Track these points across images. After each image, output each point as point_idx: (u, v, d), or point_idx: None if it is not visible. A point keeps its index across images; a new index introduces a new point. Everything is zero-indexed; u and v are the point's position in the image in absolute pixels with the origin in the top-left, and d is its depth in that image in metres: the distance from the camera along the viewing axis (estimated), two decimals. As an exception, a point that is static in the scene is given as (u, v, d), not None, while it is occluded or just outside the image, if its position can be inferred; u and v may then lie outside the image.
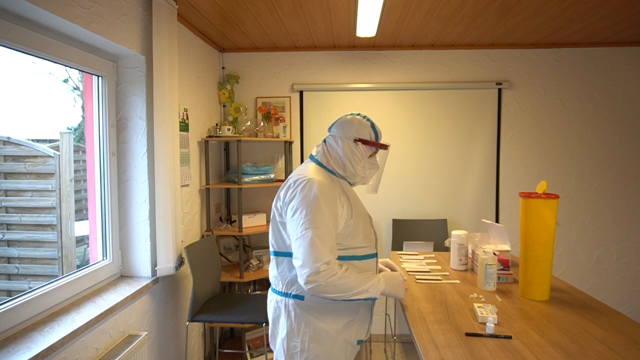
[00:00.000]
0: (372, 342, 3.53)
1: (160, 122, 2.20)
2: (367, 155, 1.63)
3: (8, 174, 2.45)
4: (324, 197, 1.46)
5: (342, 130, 1.62)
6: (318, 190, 1.46)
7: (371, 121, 1.65)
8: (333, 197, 1.49)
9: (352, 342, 1.59)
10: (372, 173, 1.68)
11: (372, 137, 1.63)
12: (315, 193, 1.46)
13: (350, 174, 1.62)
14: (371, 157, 1.66)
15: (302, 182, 1.49)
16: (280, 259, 1.58)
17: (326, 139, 1.68)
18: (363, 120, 1.63)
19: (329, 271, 1.39)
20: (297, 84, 3.48)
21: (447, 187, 3.47)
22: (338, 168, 1.61)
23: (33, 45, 1.65)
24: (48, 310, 1.73)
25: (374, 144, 1.62)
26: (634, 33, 3.03)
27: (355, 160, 1.60)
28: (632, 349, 1.32)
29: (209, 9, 2.51)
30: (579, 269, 3.49)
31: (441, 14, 2.64)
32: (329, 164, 1.62)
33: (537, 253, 1.76)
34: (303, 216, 1.44)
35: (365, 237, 1.59)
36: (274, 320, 1.62)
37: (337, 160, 1.61)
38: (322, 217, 1.44)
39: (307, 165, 1.64)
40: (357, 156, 1.60)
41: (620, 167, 3.41)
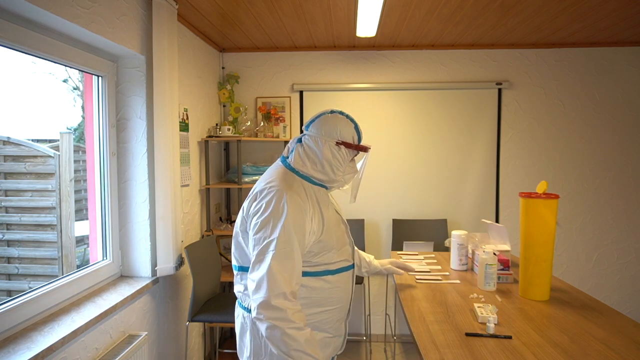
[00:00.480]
0: (372, 342, 3.53)
1: (160, 122, 2.20)
2: (349, 159, 1.45)
3: (8, 174, 2.45)
4: (292, 211, 1.28)
5: (324, 130, 1.42)
6: (287, 203, 1.28)
7: (354, 121, 1.47)
8: (303, 212, 1.31)
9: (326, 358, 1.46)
10: (351, 178, 1.50)
11: (355, 139, 1.45)
12: (283, 207, 1.28)
13: (329, 179, 1.43)
14: (351, 160, 1.48)
15: (270, 193, 1.31)
16: (244, 274, 1.42)
17: (302, 138, 1.46)
18: (347, 120, 1.44)
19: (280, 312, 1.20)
20: (297, 84, 3.48)
21: (447, 187, 3.47)
22: (316, 172, 1.41)
23: (33, 45, 1.65)
24: (48, 310, 1.73)
25: (357, 147, 1.45)
26: (634, 33, 3.03)
27: (336, 165, 1.41)
28: (632, 349, 1.32)
29: (209, 9, 2.51)
30: (579, 269, 3.49)
31: (441, 14, 2.64)
32: (305, 169, 1.41)
33: (537, 253, 1.76)
34: (267, 235, 1.26)
35: (339, 250, 1.44)
36: (241, 336, 1.46)
37: (316, 163, 1.41)
38: (288, 238, 1.26)
39: (276, 170, 1.43)
40: (339, 160, 1.41)
41: (620, 167, 3.41)
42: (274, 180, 1.36)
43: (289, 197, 1.30)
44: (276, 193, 1.31)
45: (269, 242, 1.26)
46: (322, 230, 1.37)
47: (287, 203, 1.29)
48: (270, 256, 1.24)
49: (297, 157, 1.43)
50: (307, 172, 1.42)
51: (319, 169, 1.41)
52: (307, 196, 1.37)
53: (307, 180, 1.42)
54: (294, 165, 1.43)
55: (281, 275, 1.23)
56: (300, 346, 1.21)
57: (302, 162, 1.42)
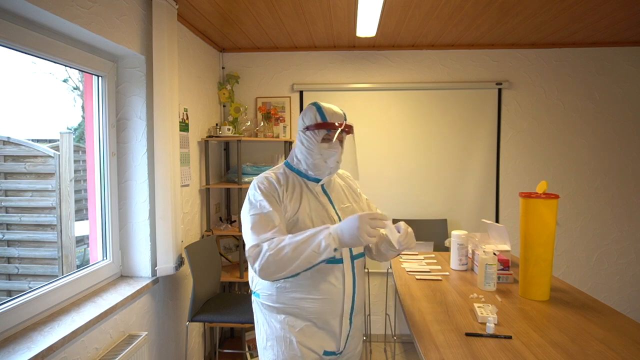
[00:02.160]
0: (372, 342, 3.53)
1: (160, 122, 2.20)
2: (319, 140, 1.47)
3: (8, 174, 2.45)
4: (262, 188, 1.45)
5: (298, 124, 1.54)
6: (256, 184, 1.47)
7: (318, 104, 1.49)
8: (273, 188, 1.46)
9: (315, 350, 1.46)
10: (334, 158, 1.48)
11: (317, 119, 1.47)
12: (253, 188, 1.47)
13: (310, 166, 1.50)
14: (325, 142, 1.48)
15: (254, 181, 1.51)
16: None
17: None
18: (310, 107, 1.51)
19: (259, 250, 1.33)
20: (297, 84, 3.48)
21: (447, 187, 3.47)
22: (301, 164, 1.52)
23: (33, 45, 1.65)
24: (48, 310, 1.73)
25: (317, 126, 1.46)
26: (634, 33, 3.03)
27: (308, 151, 1.48)
28: (632, 349, 1.32)
29: (209, 9, 2.51)
30: (579, 269, 3.49)
31: (441, 14, 2.64)
32: (296, 163, 1.55)
33: (537, 253, 1.76)
34: (244, 210, 1.46)
35: None
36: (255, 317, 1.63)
37: (299, 155, 1.53)
38: (259, 205, 1.42)
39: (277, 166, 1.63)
40: (309, 145, 1.47)
41: (620, 167, 3.41)
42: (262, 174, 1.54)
43: (258, 180, 1.49)
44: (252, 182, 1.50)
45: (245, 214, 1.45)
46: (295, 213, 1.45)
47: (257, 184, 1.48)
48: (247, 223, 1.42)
49: (291, 154, 1.59)
50: (296, 166, 1.55)
51: (300, 158, 1.53)
52: (285, 181, 1.50)
53: (298, 173, 1.55)
54: (289, 160, 1.58)
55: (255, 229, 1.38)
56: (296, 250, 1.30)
57: (292, 157, 1.57)
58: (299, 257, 1.29)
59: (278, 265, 1.31)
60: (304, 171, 1.53)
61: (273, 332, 1.48)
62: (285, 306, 1.46)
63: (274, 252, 1.30)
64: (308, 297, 1.44)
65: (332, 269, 1.45)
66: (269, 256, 1.30)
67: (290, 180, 1.51)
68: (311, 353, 1.45)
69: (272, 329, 1.48)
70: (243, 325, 3.06)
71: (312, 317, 1.45)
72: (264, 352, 1.51)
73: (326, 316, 1.46)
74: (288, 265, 1.30)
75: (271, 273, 1.33)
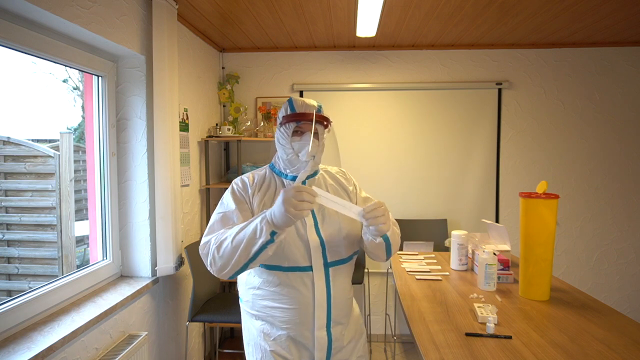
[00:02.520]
0: (372, 342, 3.53)
1: (160, 122, 2.20)
2: (290, 134, 1.39)
3: (8, 174, 2.45)
4: (234, 188, 1.43)
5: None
6: (232, 184, 1.45)
7: (291, 98, 1.43)
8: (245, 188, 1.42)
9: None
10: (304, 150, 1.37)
11: (288, 112, 1.40)
12: (229, 188, 1.44)
13: (286, 163, 1.42)
14: (297, 135, 1.39)
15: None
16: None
17: None
18: (284, 103, 1.44)
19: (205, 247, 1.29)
20: (297, 84, 3.48)
21: (447, 187, 3.47)
22: (281, 162, 1.45)
23: (33, 45, 1.65)
24: (48, 310, 1.73)
25: (286, 118, 1.38)
26: (634, 33, 3.03)
27: (282, 147, 1.41)
28: (632, 349, 1.32)
29: (209, 9, 2.51)
30: (579, 269, 3.49)
31: (441, 14, 2.64)
32: (277, 163, 1.47)
33: (537, 253, 1.76)
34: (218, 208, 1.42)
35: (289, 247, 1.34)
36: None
37: (278, 153, 1.47)
38: (226, 204, 1.39)
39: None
40: (282, 141, 1.41)
41: (621, 167, 3.41)
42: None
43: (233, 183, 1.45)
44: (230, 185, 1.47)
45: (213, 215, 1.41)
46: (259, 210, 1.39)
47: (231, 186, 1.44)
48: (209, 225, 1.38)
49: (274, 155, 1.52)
50: (278, 166, 1.47)
51: (279, 156, 1.45)
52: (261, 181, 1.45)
53: (278, 174, 1.47)
54: (272, 161, 1.52)
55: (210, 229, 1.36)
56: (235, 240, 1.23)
57: (274, 158, 1.50)
58: (238, 247, 1.21)
59: (223, 260, 1.24)
60: (283, 170, 1.45)
61: (252, 339, 1.45)
62: (261, 313, 1.41)
63: (217, 246, 1.25)
64: (279, 305, 1.37)
65: (301, 277, 1.35)
66: (214, 251, 1.25)
67: (267, 180, 1.45)
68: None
69: (251, 335, 1.45)
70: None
71: (285, 326, 1.38)
72: (247, 357, 1.49)
73: (299, 327, 1.37)
74: (231, 258, 1.22)
75: (220, 269, 1.26)
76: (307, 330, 1.38)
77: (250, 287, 1.44)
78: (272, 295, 1.38)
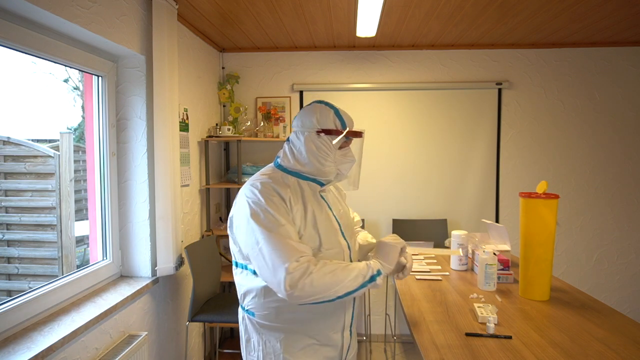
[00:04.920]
0: (372, 342, 3.53)
1: (160, 122, 2.20)
2: (336, 147, 1.37)
3: (8, 174, 2.46)
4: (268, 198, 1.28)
5: (302, 122, 1.39)
6: (260, 192, 1.29)
7: (334, 107, 1.40)
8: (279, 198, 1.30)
9: None
10: (349, 167, 1.42)
11: (337, 125, 1.36)
12: (259, 197, 1.28)
13: (319, 172, 1.37)
14: (343, 148, 1.40)
15: (245, 189, 1.34)
16: (237, 269, 1.42)
17: (289, 136, 1.45)
18: (324, 108, 1.38)
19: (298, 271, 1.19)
20: (297, 84, 3.48)
21: (447, 187, 3.47)
22: (302, 166, 1.38)
23: (33, 45, 1.65)
24: (48, 310, 1.73)
25: (339, 133, 1.35)
26: (634, 33, 3.03)
27: (321, 156, 1.35)
28: (632, 349, 1.32)
29: (209, 9, 2.51)
30: (579, 269, 3.49)
31: (441, 14, 2.64)
32: (292, 165, 1.39)
33: (537, 253, 1.76)
34: (253, 226, 1.25)
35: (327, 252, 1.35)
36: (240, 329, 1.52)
37: (301, 158, 1.37)
38: (274, 219, 1.25)
39: (263, 169, 1.45)
40: (324, 150, 1.35)
41: (621, 166, 3.41)
42: (254, 179, 1.37)
43: (262, 186, 1.31)
44: (251, 186, 1.32)
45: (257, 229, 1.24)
46: (304, 224, 1.32)
47: (261, 191, 1.29)
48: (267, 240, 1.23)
49: (284, 154, 1.42)
50: (293, 167, 1.39)
51: (304, 162, 1.37)
52: (288, 188, 1.34)
53: (297, 176, 1.40)
54: (282, 162, 1.42)
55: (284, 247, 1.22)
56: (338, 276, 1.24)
57: (287, 158, 1.40)
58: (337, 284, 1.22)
59: (318, 288, 1.21)
60: (298, 171, 1.39)
61: (271, 351, 1.37)
62: (284, 325, 1.36)
63: (316, 276, 1.20)
64: (308, 315, 1.36)
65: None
66: (312, 279, 1.20)
67: (292, 186, 1.36)
68: None
69: (270, 347, 1.38)
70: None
71: (313, 334, 1.38)
72: None
73: (327, 331, 1.39)
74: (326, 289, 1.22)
75: (308, 296, 1.21)
76: (335, 334, 1.41)
77: (271, 299, 1.34)
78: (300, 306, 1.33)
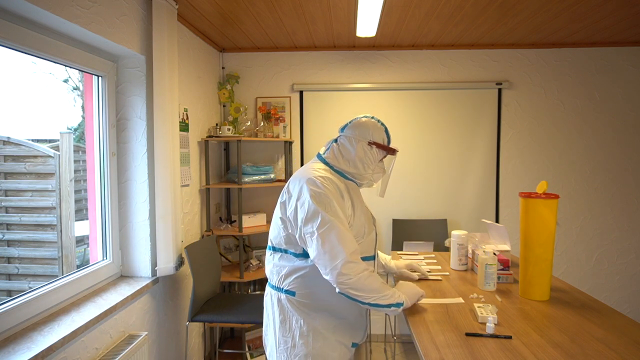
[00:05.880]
0: (372, 342, 3.53)
1: (160, 122, 2.20)
2: (379, 158, 1.65)
3: (8, 174, 2.45)
4: (332, 193, 1.50)
5: (358, 132, 1.63)
6: (326, 187, 1.50)
7: (385, 126, 1.68)
8: (339, 194, 1.53)
9: (345, 343, 1.61)
10: (379, 177, 1.70)
11: (385, 141, 1.66)
12: (323, 190, 1.49)
13: (359, 175, 1.64)
14: (381, 161, 1.68)
15: (311, 181, 1.51)
16: (277, 254, 1.62)
17: (338, 139, 1.69)
18: (378, 124, 1.66)
19: (357, 266, 1.42)
20: (297, 84, 3.48)
21: (447, 187, 3.47)
22: (348, 168, 1.62)
23: (33, 45, 1.65)
24: (48, 310, 1.73)
25: (386, 148, 1.65)
26: (634, 33, 3.03)
27: (367, 163, 1.62)
28: (632, 349, 1.32)
29: (209, 8, 2.51)
30: (579, 269, 3.49)
31: (441, 14, 2.64)
32: (339, 164, 1.63)
33: (537, 253, 1.76)
34: (319, 214, 1.45)
35: (366, 238, 1.62)
36: (267, 314, 1.66)
37: (349, 161, 1.62)
38: (336, 212, 1.47)
39: (313, 163, 1.66)
40: (370, 159, 1.62)
41: (621, 167, 3.41)
42: (312, 171, 1.56)
43: (328, 182, 1.52)
44: (317, 179, 1.51)
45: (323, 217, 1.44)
46: (354, 215, 1.56)
47: (326, 187, 1.50)
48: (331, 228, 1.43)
49: (332, 154, 1.65)
50: (340, 167, 1.63)
51: (352, 165, 1.62)
52: (340, 184, 1.57)
53: (340, 174, 1.63)
54: (329, 160, 1.65)
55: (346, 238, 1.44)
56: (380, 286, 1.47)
57: (336, 158, 1.64)
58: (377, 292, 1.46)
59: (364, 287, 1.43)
60: (342, 171, 1.63)
61: (308, 328, 1.55)
62: (321, 304, 1.56)
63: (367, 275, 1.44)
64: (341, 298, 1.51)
65: (370, 265, 1.63)
66: (364, 276, 1.43)
67: (341, 184, 1.58)
68: (342, 346, 1.59)
69: (308, 325, 1.55)
70: (243, 325, 3.06)
71: (345, 313, 1.59)
72: (291, 350, 1.56)
73: (356, 312, 1.62)
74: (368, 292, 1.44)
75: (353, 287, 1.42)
76: (361, 316, 1.65)
77: (315, 280, 1.53)
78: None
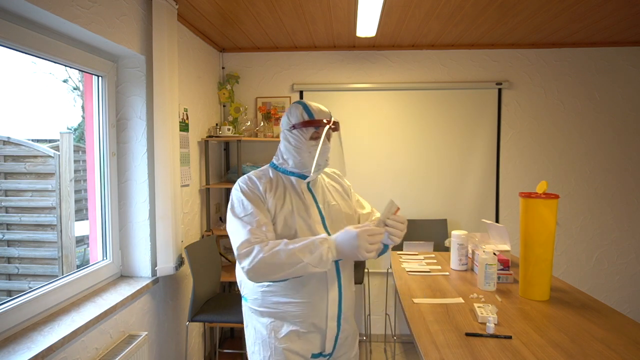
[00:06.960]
0: (372, 342, 3.53)
1: (160, 122, 2.20)
2: (307, 137, 1.46)
3: (8, 174, 2.46)
4: (245, 188, 1.45)
5: (282, 124, 1.53)
6: (240, 184, 1.47)
7: (304, 103, 1.49)
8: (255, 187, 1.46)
9: (302, 353, 1.44)
10: (323, 156, 1.48)
11: (304, 117, 1.46)
12: (237, 189, 1.46)
13: (300, 164, 1.48)
14: (314, 139, 1.47)
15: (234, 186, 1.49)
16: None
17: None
18: (295, 105, 1.50)
19: (251, 250, 1.31)
20: (297, 84, 3.48)
21: (447, 187, 3.47)
22: (287, 162, 1.51)
23: (33, 45, 1.65)
24: (48, 310, 1.73)
25: (306, 123, 1.44)
26: (634, 33, 3.03)
27: (296, 150, 1.47)
28: (632, 349, 1.32)
29: (209, 8, 2.51)
30: (579, 269, 3.49)
31: (441, 14, 2.64)
32: (280, 162, 1.53)
33: (537, 253, 1.76)
34: (229, 214, 1.44)
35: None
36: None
37: (283, 154, 1.51)
38: (244, 208, 1.40)
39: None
40: (297, 143, 1.46)
41: (621, 166, 3.41)
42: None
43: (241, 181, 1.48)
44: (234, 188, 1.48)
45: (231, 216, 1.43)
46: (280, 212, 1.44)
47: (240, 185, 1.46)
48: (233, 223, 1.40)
49: (275, 154, 1.57)
50: (281, 164, 1.53)
51: (286, 157, 1.51)
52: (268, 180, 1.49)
53: (283, 172, 1.53)
54: (274, 161, 1.57)
55: (242, 229, 1.37)
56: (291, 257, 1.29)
57: (277, 157, 1.56)
58: (294, 265, 1.28)
59: (270, 269, 1.30)
60: (290, 170, 1.52)
61: (259, 337, 1.46)
62: (270, 310, 1.45)
63: (268, 255, 1.29)
64: (292, 300, 1.43)
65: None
66: (261, 258, 1.29)
67: (274, 179, 1.50)
68: (297, 357, 1.43)
69: (258, 333, 1.47)
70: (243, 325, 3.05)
71: (296, 320, 1.44)
72: (251, 356, 1.50)
73: (311, 319, 1.44)
74: (280, 271, 1.30)
75: (261, 275, 1.32)
76: (320, 322, 1.45)
77: (258, 284, 1.45)
78: (284, 291, 1.43)
